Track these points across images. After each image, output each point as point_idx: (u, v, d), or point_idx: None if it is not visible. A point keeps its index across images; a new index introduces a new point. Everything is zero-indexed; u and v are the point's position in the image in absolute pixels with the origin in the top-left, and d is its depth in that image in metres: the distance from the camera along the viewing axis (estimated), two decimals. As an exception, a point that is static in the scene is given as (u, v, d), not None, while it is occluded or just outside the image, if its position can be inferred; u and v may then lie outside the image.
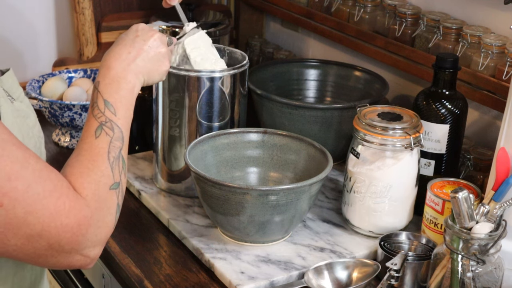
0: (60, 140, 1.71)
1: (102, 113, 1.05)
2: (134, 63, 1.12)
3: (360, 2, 1.70)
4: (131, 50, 1.13)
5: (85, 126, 1.05)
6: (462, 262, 1.09)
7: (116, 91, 1.08)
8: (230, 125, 1.42)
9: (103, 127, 1.04)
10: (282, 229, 1.27)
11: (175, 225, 1.35)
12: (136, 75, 1.12)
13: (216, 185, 1.21)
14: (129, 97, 1.09)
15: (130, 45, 1.14)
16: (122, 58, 1.12)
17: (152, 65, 1.16)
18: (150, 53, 1.16)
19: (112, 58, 1.12)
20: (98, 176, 0.99)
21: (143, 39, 1.16)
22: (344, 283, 1.22)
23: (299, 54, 2.03)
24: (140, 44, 1.15)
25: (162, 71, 1.19)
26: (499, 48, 1.39)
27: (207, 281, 1.23)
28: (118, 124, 1.05)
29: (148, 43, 1.16)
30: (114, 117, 1.05)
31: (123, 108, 1.07)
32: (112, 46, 1.15)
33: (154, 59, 1.16)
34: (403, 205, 1.31)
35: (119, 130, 1.05)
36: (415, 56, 1.55)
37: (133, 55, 1.13)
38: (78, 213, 0.93)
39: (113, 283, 1.36)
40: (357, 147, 1.30)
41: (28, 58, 1.94)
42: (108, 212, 0.99)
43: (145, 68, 1.14)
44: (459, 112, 1.34)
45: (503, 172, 1.16)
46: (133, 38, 1.16)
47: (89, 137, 1.03)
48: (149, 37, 1.16)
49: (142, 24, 1.20)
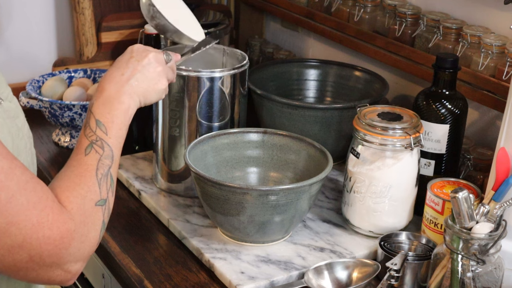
0: (60, 140, 1.71)
1: (93, 132, 1.05)
2: (128, 84, 1.12)
3: (360, 2, 1.70)
4: (125, 71, 1.13)
5: (76, 144, 1.05)
6: (462, 262, 1.09)
7: (109, 111, 1.07)
8: (230, 125, 1.42)
9: (93, 145, 1.03)
10: (282, 229, 1.27)
11: (175, 225, 1.35)
12: (131, 96, 1.11)
13: (216, 185, 1.21)
14: (122, 118, 1.08)
15: (124, 66, 1.14)
16: (115, 80, 1.12)
17: (147, 85, 1.15)
18: (144, 73, 1.15)
19: (106, 81, 1.12)
20: (85, 191, 0.98)
21: (137, 60, 1.15)
22: (344, 283, 1.22)
23: (299, 54, 2.03)
24: (134, 65, 1.14)
25: (159, 90, 1.18)
26: (499, 48, 1.39)
27: (207, 281, 1.23)
28: (108, 143, 1.05)
29: (142, 63, 1.15)
30: (105, 136, 1.05)
31: (115, 128, 1.07)
32: (108, 70, 1.15)
33: (149, 78, 1.15)
34: (403, 205, 1.31)
35: (109, 149, 1.04)
36: (415, 56, 1.55)
37: (126, 76, 1.12)
38: (61, 226, 0.92)
39: (113, 283, 1.36)
40: (357, 147, 1.30)
41: (28, 58, 1.94)
42: (92, 228, 0.97)
43: (139, 88, 1.13)
44: (459, 112, 1.34)
45: (503, 172, 1.16)
46: (127, 59, 1.15)
47: (78, 154, 1.03)
48: (143, 57, 1.16)
49: (138, 45, 1.19)
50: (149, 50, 1.18)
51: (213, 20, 1.85)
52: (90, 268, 1.50)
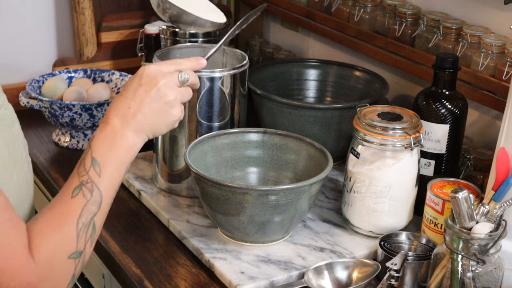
0: (60, 140, 1.71)
1: (86, 172, 0.98)
2: (134, 119, 1.03)
3: (360, 2, 1.70)
4: (132, 103, 1.03)
5: (67, 181, 0.99)
6: (462, 262, 1.09)
7: (109, 149, 1.00)
8: (230, 125, 1.42)
9: (82, 187, 0.96)
10: (282, 229, 1.27)
11: (175, 225, 1.35)
12: (136, 132, 1.03)
13: (216, 185, 1.21)
14: (122, 157, 1.01)
15: (131, 97, 1.04)
16: (121, 113, 1.03)
17: (156, 120, 1.05)
18: (153, 106, 1.04)
19: (112, 112, 1.03)
20: (60, 240, 0.93)
21: (146, 90, 1.04)
22: (344, 283, 1.22)
23: (299, 54, 2.03)
24: (141, 96, 1.04)
25: (170, 122, 1.07)
26: (499, 48, 1.39)
27: (207, 281, 1.23)
28: (99, 186, 0.98)
29: (150, 94, 1.04)
30: (98, 178, 0.98)
31: (111, 168, 0.99)
32: (117, 96, 1.06)
33: (158, 111, 1.05)
34: (403, 205, 1.31)
35: (98, 194, 0.97)
36: (415, 56, 1.55)
37: (133, 110, 1.03)
38: (24, 278, 0.88)
39: (113, 283, 1.36)
40: (357, 147, 1.30)
41: (28, 58, 1.94)
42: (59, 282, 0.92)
43: (147, 123, 1.04)
44: (459, 112, 1.34)
45: (503, 172, 1.16)
46: (135, 88, 1.05)
47: (65, 194, 0.96)
48: (152, 86, 1.04)
49: (150, 67, 1.06)
50: (160, 76, 1.05)
51: (213, 20, 1.84)
52: (90, 268, 1.50)
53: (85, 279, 1.56)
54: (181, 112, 1.08)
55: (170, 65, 1.08)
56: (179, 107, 1.08)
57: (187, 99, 1.10)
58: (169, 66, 1.08)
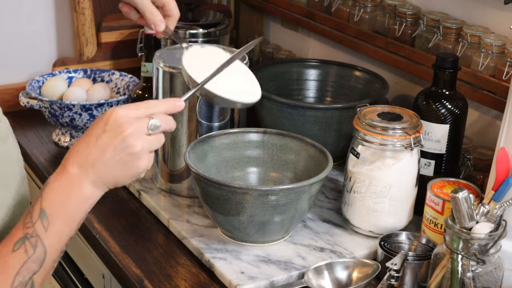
0: (60, 140, 1.71)
1: (32, 224, 0.89)
2: (93, 168, 0.92)
3: (360, 2, 1.70)
4: (92, 151, 0.92)
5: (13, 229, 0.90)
6: (462, 262, 1.09)
7: (61, 200, 0.90)
8: (230, 125, 1.42)
9: (26, 241, 0.88)
10: (282, 229, 1.27)
11: (175, 225, 1.35)
12: (94, 183, 0.93)
13: (216, 185, 1.21)
14: (75, 210, 0.91)
15: (92, 144, 0.93)
16: (80, 160, 0.92)
17: (118, 171, 0.94)
18: (116, 157, 0.92)
19: (70, 158, 0.93)
20: None
21: (110, 137, 0.92)
22: (344, 283, 1.22)
23: (299, 54, 2.03)
24: (104, 144, 0.92)
25: (134, 174, 0.95)
26: (499, 48, 1.39)
27: (207, 281, 1.23)
28: (45, 242, 0.89)
29: (114, 144, 0.92)
30: (44, 232, 0.89)
31: (60, 223, 0.90)
32: (78, 140, 0.96)
33: (122, 162, 0.93)
34: (403, 205, 1.31)
35: (42, 250, 0.88)
36: (415, 56, 1.55)
37: (92, 159, 0.92)
38: None
39: (113, 283, 1.36)
40: (357, 147, 1.30)
41: (28, 58, 1.94)
42: None
43: (107, 175, 0.93)
44: (459, 112, 1.34)
45: (503, 172, 1.16)
46: (99, 133, 0.93)
47: (7, 246, 0.88)
48: (117, 134, 0.92)
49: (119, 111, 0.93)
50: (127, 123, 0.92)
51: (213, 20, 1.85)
52: (90, 268, 1.50)
53: (85, 279, 1.56)
54: (149, 162, 0.96)
55: (140, 109, 0.95)
56: (147, 157, 0.95)
57: (158, 147, 0.97)
58: (139, 111, 0.95)
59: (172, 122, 0.99)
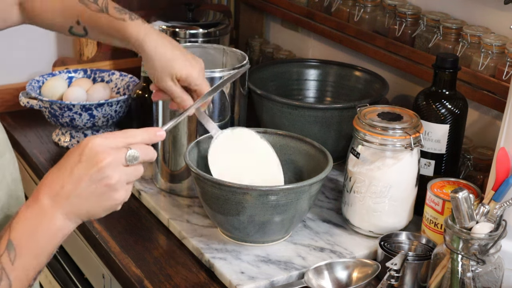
0: (60, 140, 1.71)
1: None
2: (67, 201, 0.88)
3: (360, 2, 1.70)
4: (67, 182, 0.88)
5: None
6: (462, 262, 1.09)
7: (30, 232, 0.86)
8: (230, 125, 1.42)
9: None
10: (282, 229, 1.27)
11: (175, 225, 1.35)
12: (67, 215, 0.88)
13: (216, 185, 1.21)
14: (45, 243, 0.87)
15: (67, 174, 0.88)
16: (53, 190, 0.88)
17: (93, 203, 0.89)
18: (91, 188, 0.88)
19: (43, 188, 0.88)
20: None
21: (85, 168, 0.88)
22: (344, 283, 1.22)
23: (299, 54, 2.03)
24: (79, 174, 0.87)
25: (109, 207, 0.91)
26: (499, 48, 1.39)
27: (207, 281, 1.23)
28: (10, 276, 0.85)
29: (89, 174, 0.87)
30: (10, 265, 0.85)
31: (28, 256, 0.86)
32: (52, 168, 0.91)
33: (97, 194, 0.89)
34: (403, 205, 1.31)
35: (7, 284, 0.85)
36: (415, 56, 1.55)
37: (67, 190, 0.87)
38: None
39: (113, 283, 1.36)
40: (357, 147, 1.30)
41: (28, 58, 1.94)
42: None
43: (82, 207, 0.89)
44: (459, 112, 1.34)
45: (503, 172, 1.16)
46: (74, 163, 0.88)
47: None
48: (93, 165, 0.87)
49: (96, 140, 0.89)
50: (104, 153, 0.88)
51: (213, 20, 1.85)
52: (90, 268, 1.50)
53: (85, 279, 1.56)
54: (126, 194, 0.91)
55: (119, 139, 0.91)
56: (124, 189, 0.90)
57: (136, 179, 0.92)
58: (117, 140, 0.90)
59: (152, 152, 0.94)
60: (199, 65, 1.24)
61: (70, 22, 1.24)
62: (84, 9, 1.22)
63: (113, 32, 1.22)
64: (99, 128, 1.69)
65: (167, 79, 1.21)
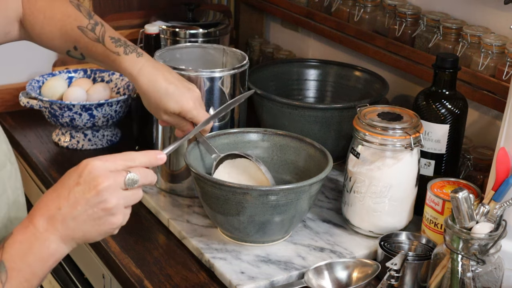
0: (60, 140, 1.71)
1: None
2: (63, 224, 0.86)
3: (360, 2, 1.70)
4: (63, 204, 0.86)
5: None
6: (462, 262, 1.09)
7: (23, 255, 0.85)
8: (230, 125, 1.42)
9: None
10: (282, 229, 1.27)
11: (175, 225, 1.35)
12: (62, 239, 0.87)
13: (216, 185, 1.21)
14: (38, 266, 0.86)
15: (64, 196, 0.86)
16: (48, 213, 0.86)
17: (89, 227, 0.88)
18: (88, 211, 0.87)
19: (38, 210, 0.87)
20: None
21: (83, 191, 0.86)
22: (344, 283, 1.22)
23: (299, 54, 2.03)
24: (77, 198, 0.86)
25: (106, 231, 0.90)
26: (499, 48, 1.39)
27: (207, 281, 1.23)
28: None
29: (87, 197, 0.86)
30: None
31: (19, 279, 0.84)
32: (49, 190, 0.89)
33: (94, 218, 0.87)
34: (403, 205, 1.31)
35: None
36: (415, 56, 1.55)
37: (63, 213, 0.86)
38: None
39: (113, 283, 1.36)
40: (357, 147, 1.30)
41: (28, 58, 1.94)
42: None
43: (77, 230, 0.87)
44: (459, 112, 1.34)
45: (503, 172, 1.16)
46: (72, 185, 0.87)
47: None
48: (91, 188, 0.86)
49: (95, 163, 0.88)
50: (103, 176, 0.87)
51: (213, 20, 1.85)
52: (90, 268, 1.50)
53: (85, 279, 1.56)
54: (124, 218, 0.91)
55: (118, 161, 0.90)
56: (121, 213, 0.90)
57: (134, 203, 0.92)
58: (117, 163, 0.90)
59: (152, 176, 0.93)
60: (194, 96, 1.25)
61: (68, 47, 1.27)
62: (82, 36, 1.24)
63: (108, 62, 1.25)
64: (99, 128, 1.69)
65: (162, 114, 1.25)
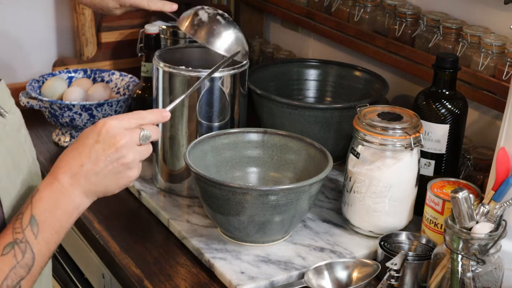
0: (60, 140, 1.71)
1: (21, 229, 0.90)
2: (86, 179, 0.94)
3: (360, 2, 1.70)
4: (86, 161, 0.94)
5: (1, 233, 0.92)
6: (462, 262, 1.09)
7: (51, 209, 0.92)
8: (230, 125, 1.42)
9: (15, 246, 0.89)
10: (282, 229, 1.27)
11: (175, 225, 1.35)
12: (85, 193, 0.95)
13: (216, 185, 1.21)
14: (65, 218, 0.93)
15: (86, 154, 0.94)
16: (72, 170, 0.94)
17: (110, 181, 0.96)
18: (108, 167, 0.95)
19: (61, 168, 0.94)
20: None
21: (103, 148, 0.94)
22: (344, 283, 1.22)
23: (299, 54, 2.03)
24: (97, 155, 0.94)
25: (124, 184, 0.98)
26: (499, 48, 1.39)
27: (207, 281, 1.23)
28: (34, 248, 0.90)
29: (107, 153, 0.94)
30: (33, 239, 0.90)
31: (50, 231, 0.92)
32: (68, 149, 0.96)
33: (114, 172, 0.96)
34: (403, 205, 1.31)
35: (30, 256, 0.90)
36: (415, 56, 1.55)
37: (86, 169, 0.94)
38: None
39: (113, 283, 1.36)
40: (357, 147, 1.30)
41: (29, 58, 1.94)
42: None
43: (99, 185, 0.95)
44: (459, 112, 1.34)
45: (503, 172, 1.16)
46: (92, 144, 0.94)
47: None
48: (111, 145, 0.94)
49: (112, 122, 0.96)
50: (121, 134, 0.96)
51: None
52: (90, 268, 1.50)
53: (85, 279, 1.56)
54: (138, 171, 0.99)
55: (131, 120, 0.98)
56: (137, 167, 0.98)
57: (147, 157, 1.00)
58: (130, 121, 0.98)
59: (158, 132, 1.03)
60: None
61: None
62: None
63: None
64: (99, 128, 1.69)
65: None
